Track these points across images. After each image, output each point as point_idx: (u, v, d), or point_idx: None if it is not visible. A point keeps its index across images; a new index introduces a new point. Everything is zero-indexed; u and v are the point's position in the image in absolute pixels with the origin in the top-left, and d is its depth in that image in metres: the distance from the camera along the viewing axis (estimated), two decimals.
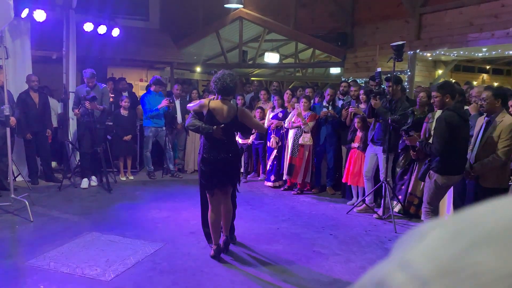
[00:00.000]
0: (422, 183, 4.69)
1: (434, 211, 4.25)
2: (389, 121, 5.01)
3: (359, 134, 5.91)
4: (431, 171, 4.11)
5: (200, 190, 4.16)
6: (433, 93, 4.19)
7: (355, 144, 5.94)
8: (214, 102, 3.81)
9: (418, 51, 8.18)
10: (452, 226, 0.37)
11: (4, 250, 3.97)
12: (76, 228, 4.64)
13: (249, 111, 4.06)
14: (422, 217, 4.31)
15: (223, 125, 3.74)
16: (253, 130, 7.13)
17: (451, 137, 3.90)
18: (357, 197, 5.97)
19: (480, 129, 4.09)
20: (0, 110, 5.25)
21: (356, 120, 5.90)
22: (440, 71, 10.11)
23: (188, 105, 4.18)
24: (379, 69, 5.39)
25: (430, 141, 4.23)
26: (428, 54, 8.64)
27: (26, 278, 3.41)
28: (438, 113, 4.38)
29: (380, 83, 5.13)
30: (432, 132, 4.38)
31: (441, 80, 9.88)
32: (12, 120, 5.29)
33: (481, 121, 4.12)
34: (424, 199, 4.25)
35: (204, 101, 3.87)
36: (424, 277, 0.34)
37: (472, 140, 4.15)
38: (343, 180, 6.16)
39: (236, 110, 3.85)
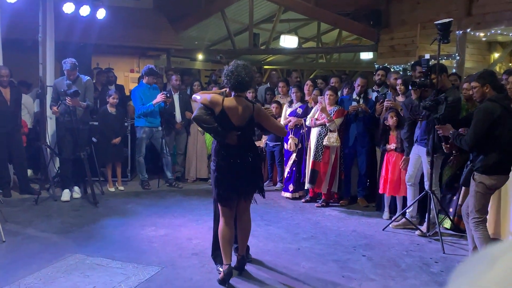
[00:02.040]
0: None
1: (485, 222, 4.26)
2: (420, 108, 5.01)
3: (393, 133, 5.88)
4: (476, 173, 4.22)
5: (214, 204, 4.23)
6: (472, 84, 4.41)
7: (391, 145, 5.90)
8: (228, 100, 3.86)
9: (468, 30, 8.09)
10: None
11: None
12: (56, 249, 4.68)
13: (266, 111, 4.09)
14: (472, 231, 4.28)
15: (239, 132, 3.82)
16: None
17: (490, 130, 4.09)
18: (396, 210, 5.92)
19: None
20: None
21: (388, 116, 5.86)
22: (496, 55, 9.99)
23: (194, 95, 4.22)
24: (427, 56, 5.38)
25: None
26: (482, 34, 8.53)
27: None
28: None
29: (428, 73, 5.11)
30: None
31: (498, 66, 9.78)
32: None
33: None
34: (470, 208, 4.29)
35: (218, 97, 3.88)
36: None
37: None
38: (380, 191, 6.11)
39: (252, 110, 3.89)
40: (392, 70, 7.71)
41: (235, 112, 3.82)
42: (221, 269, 3.99)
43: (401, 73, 7.54)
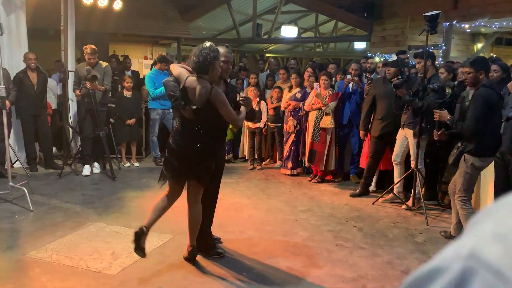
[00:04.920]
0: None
1: (470, 200, 4.24)
2: (426, 93, 4.97)
3: None
4: (466, 155, 4.13)
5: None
6: (466, 69, 4.20)
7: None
8: (190, 79, 3.48)
9: (454, 22, 8.01)
10: None
11: (4, 241, 4.09)
12: (79, 218, 4.75)
13: (225, 97, 3.46)
14: (458, 208, 4.28)
15: (195, 107, 3.42)
16: (264, 112, 7.21)
17: (488, 115, 3.96)
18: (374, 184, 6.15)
19: None
20: None
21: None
22: (479, 45, 9.91)
23: (171, 66, 3.89)
24: (398, 56, 5.43)
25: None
26: (466, 26, 8.45)
27: (27, 271, 3.52)
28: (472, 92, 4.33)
29: (401, 70, 5.12)
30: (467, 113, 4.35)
31: (481, 55, 9.68)
32: (7, 103, 5.37)
33: None
34: (458, 187, 4.23)
35: (184, 75, 3.53)
36: None
37: None
38: (361, 165, 6.22)
39: (210, 93, 3.39)
40: (383, 59, 7.68)
41: (193, 92, 3.45)
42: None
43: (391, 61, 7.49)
